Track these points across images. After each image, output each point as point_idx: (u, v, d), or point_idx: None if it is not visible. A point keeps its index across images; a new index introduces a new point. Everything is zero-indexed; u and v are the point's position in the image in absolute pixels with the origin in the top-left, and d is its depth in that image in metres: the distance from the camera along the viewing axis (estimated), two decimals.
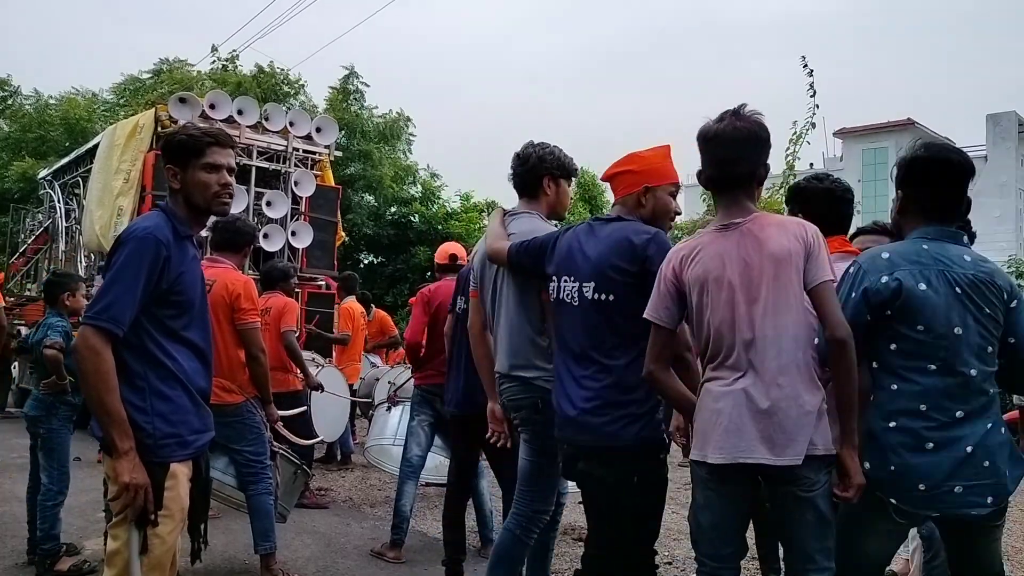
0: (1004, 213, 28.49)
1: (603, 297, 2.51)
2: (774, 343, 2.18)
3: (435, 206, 17.21)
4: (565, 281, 2.63)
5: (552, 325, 2.78)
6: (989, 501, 2.20)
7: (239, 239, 4.04)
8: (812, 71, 8.72)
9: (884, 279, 2.22)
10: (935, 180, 2.32)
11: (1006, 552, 4.85)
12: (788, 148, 8.75)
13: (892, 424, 2.22)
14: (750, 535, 2.44)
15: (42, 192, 11.81)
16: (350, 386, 7.10)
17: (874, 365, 2.29)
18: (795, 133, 8.71)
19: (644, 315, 2.36)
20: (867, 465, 2.22)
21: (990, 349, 2.24)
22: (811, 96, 8.66)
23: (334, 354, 7.72)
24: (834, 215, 2.80)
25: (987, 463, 2.19)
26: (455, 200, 17.76)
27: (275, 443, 4.16)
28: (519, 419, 2.99)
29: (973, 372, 2.20)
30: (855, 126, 34.01)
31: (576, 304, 2.58)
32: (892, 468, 2.20)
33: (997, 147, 30.80)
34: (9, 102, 20.99)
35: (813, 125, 8.77)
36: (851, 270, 2.32)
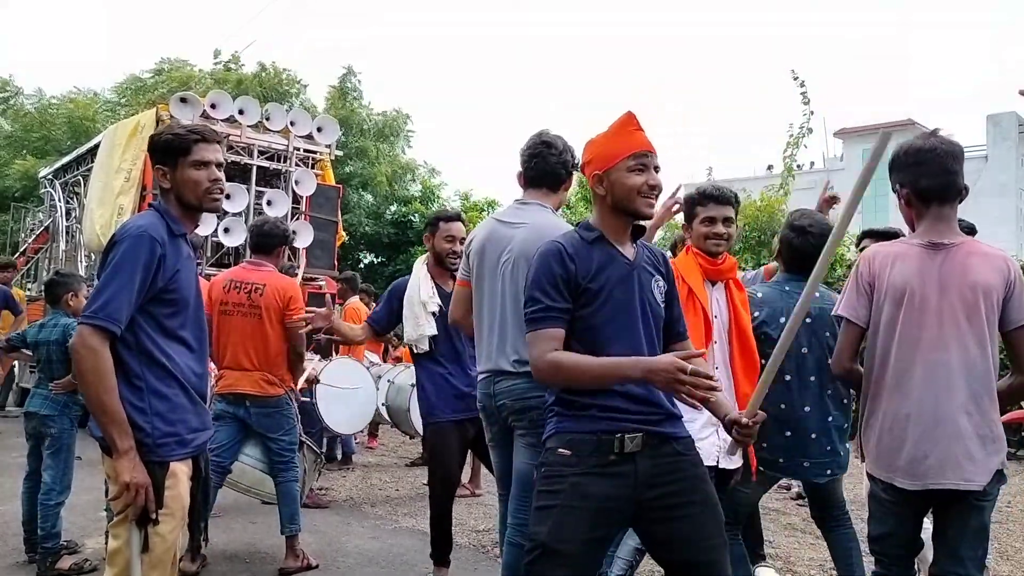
0: (1003, 213, 28.48)
1: None
2: (960, 372, 2.24)
3: (435, 205, 17.17)
4: None
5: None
6: (828, 473, 3.03)
7: (268, 241, 4.20)
8: (804, 81, 8.87)
9: (755, 313, 2.98)
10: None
11: (1006, 552, 4.86)
12: (786, 151, 8.86)
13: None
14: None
15: (43, 191, 11.77)
16: None
17: None
18: (792, 136, 8.83)
19: (838, 311, 2.44)
20: (763, 445, 2.94)
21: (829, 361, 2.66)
22: (805, 104, 8.79)
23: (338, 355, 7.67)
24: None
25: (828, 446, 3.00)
26: (455, 199, 17.72)
27: (302, 435, 4.45)
28: (526, 420, 2.78)
29: (813, 378, 2.99)
30: (855, 126, 34.01)
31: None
32: (764, 446, 2.94)
33: (997, 147, 30.85)
34: (11, 102, 20.91)
35: (810, 130, 8.91)
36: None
